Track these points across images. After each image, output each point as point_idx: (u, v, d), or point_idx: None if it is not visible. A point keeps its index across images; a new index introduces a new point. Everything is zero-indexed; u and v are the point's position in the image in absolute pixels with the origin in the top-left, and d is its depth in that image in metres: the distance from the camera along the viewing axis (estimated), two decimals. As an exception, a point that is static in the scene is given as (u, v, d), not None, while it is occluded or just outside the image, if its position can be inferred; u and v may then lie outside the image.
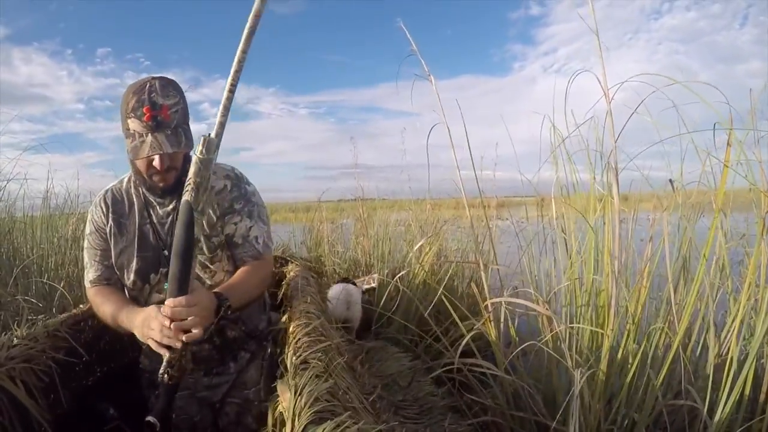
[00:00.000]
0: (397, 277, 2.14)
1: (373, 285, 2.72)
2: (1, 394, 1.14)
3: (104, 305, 1.30)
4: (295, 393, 0.89)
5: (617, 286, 1.34)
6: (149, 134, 1.13)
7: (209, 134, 1.02)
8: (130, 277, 1.33)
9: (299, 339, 1.19)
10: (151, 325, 1.06)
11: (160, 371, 1.05)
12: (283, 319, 1.52)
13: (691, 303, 1.35)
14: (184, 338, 1.02)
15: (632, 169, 1.47)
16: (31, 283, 2.51)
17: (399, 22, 1.54)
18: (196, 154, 1.02)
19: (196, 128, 1.30)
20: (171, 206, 1.31)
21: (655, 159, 1.60)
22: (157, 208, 1.33)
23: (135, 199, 1.34)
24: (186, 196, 1.02)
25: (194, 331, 1.03)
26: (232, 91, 0.99)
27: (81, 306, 1.60)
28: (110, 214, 1.33)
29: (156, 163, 1.18)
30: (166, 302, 1.03)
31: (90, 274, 1.36)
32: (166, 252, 1.29)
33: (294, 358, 1.09)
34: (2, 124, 2.82)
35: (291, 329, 1.29)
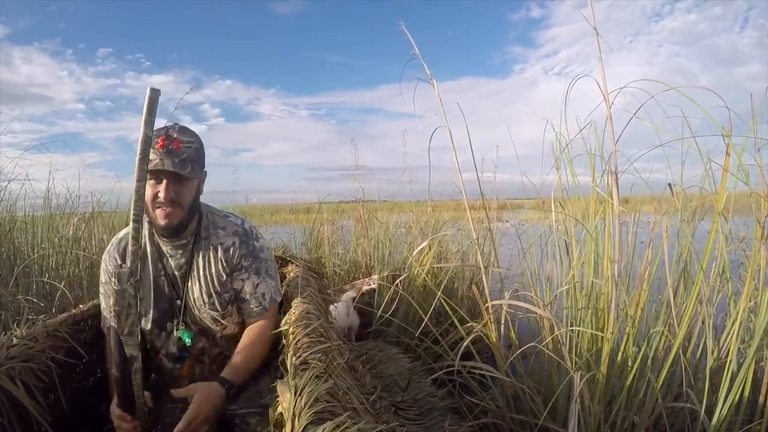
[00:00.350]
0: (399, 280, 2.14)
1: (373, 286, 2.72)
2: (0, 394, 1.14)
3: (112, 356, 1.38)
4: (295, 393, 0.89)
5: (617, 290, 1.34)
6: (157, 159, 1.20)
7: (122, 265, 1.11)
8: (147, 326, 1.38)
9: (299, 340, 1.19)
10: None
11: None
12: (284, 319, 1.52)
13: (691, 307, 1.35)
14: None
15: (632, 172, 1.48)
16: (31, 283, 2.50)
17: (401, 24, 1.54)
18: (112, 287, 1.07)
19: (197, 128, 1.34)
20: (183, 260, 1.36)
21: (656, 162, 1.60)
22: (170, 260, 1.37)
23: (149, 249, 1.37)
24: (111, 322, 1.09)
25: None
26: (137, 221, 1.05)
27: (81, 306, 1.60)
28: (125, 265, 1.36)
29: (161, 193, 1.23)
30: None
31: (105, 322, 1.41)
32: (179, 302, 1.36)
33: (294, 358, 1.09)
34: (3, 124, 2.83)
35: (291, 330, 1.29)
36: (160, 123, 3.09)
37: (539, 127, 1.71)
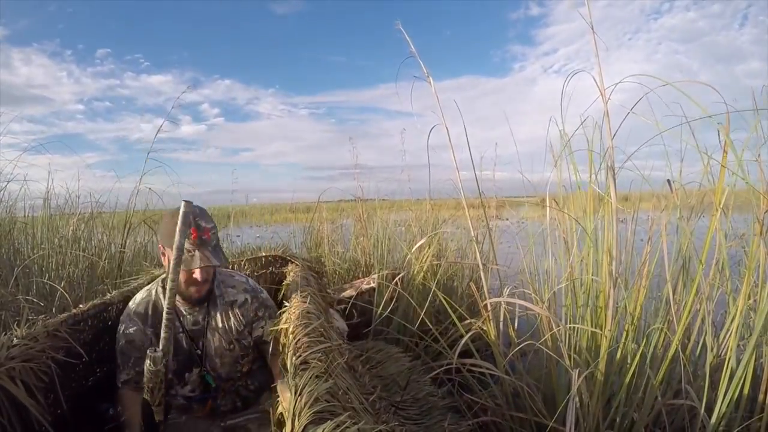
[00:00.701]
0: (398, 278, 2.13)
1: (373, 285, 2.72)
2: (1, 394, 1.14)
3: (125, 410, 1.44)
4: (295, 393, 0.89)
5: (615, 288, 1.34)
6: (196, 250, 1.36)
7: (155, 349, 1.24)
8: (168, 376, 1.44)
9: (299, 339, 1.19)
10: None
11: None
12: (283, 318, 1.52)
13: (689, 303, 1.34)
14: None
15: (631, 169, 1.47)
16: (31, 283, 2.51)
17: (397, 23, 1.55)
18: (146, 367, 1.24)
19: (196, 128, 1.38)
20: (201, 316, 1.53)
21: (656, 159, 1.60)
22: (188, 317, 1.52)
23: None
24: (145, 395, 1.28)
25: None
26: (170, 313, 1.24)
27: (81, 306, 1.60)
28: (147, 328, 1.48)
29: (197, 275, 1.39)
30: None
31: (122, 376, 1.46)
32: (199, 351, 1.52)
33: (294, 358, 1.09)
34: (2, 125, 2.83)
35: (291, 330, 1.29)
36: (158, 122, 3.08)
37: (539, 125, 1.71)
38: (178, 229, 1.20)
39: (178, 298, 1.47)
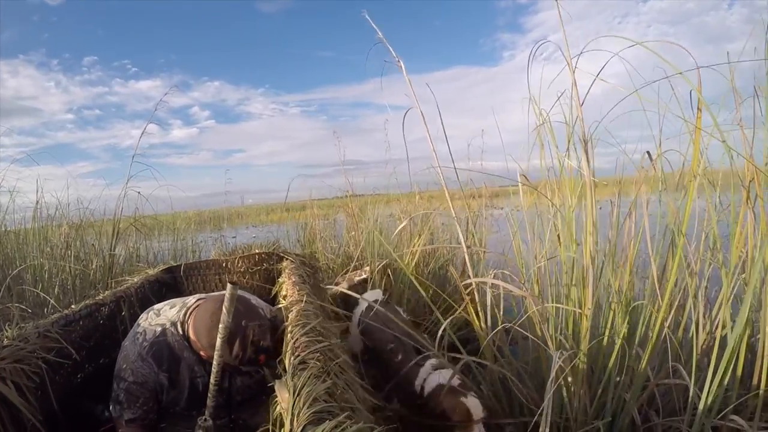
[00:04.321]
0: (387, 269, 2.13)
1: (365, 276, 2.72)
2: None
3: None
4: (294, 393, 0.89)
5: (594, 265, 1.32)
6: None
7: (206, 419, 1.25)
8: (175, 410, 1.44)
9: (297, 339, 1.18)
10: None
11: None
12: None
13: (672, 278, 1.32)
14: None
15: (613, 146, 1.46)
16: (23, 292, 2.50)
17: (363, 12, 1.53)
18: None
19: (187, 132, 1.36)
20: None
21: (646, 143, 1.57)
22: (207, 366, 1.38)
23: (185, 354, 1.41)
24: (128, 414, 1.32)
25: None
26: (216, 385, 1.27)
27: (73, 306, 1.59)
28: (161, 372, 1.38)
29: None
30: None
31: (127, 414, 1.37)
32: (220, 398, 1.40)
33: (292, 358, 1.08)
34: (-8, 138, 2.84)
35: (289, 329, 1.28)
36: (149, 127, 3.04)
37: (529, 113, 1.69)
38: (225, 308, 1.20)
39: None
